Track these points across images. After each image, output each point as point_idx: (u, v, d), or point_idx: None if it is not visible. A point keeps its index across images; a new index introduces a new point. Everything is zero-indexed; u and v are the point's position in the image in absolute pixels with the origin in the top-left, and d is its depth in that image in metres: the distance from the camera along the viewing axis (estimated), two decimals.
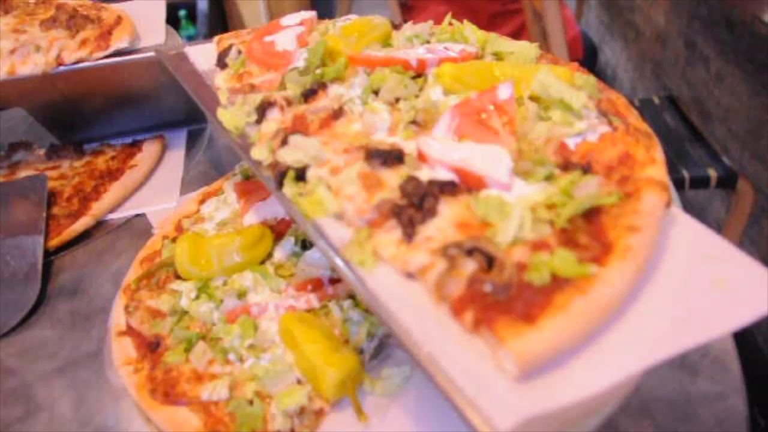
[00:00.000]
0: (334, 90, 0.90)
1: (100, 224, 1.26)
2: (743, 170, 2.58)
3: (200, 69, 1.10)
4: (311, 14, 1.09)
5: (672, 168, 2.63)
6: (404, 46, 0.98)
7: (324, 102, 0.87)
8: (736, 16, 3.21)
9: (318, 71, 0.93)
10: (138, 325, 0.97)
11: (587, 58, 3.78)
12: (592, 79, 0.87)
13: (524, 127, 0.77)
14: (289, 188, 0.75)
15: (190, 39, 3.87)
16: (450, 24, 1.03)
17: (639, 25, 4.46)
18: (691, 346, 0.55)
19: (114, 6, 1.41)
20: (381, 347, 0.89)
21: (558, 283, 0.57)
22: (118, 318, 1.00)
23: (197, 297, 0.98)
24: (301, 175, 0.76)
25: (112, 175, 1.33)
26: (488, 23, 3.78)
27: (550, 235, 0.62)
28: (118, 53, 1.25)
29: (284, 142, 0.80)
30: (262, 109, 0.89)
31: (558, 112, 0.77)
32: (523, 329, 0.52)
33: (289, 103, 0.90)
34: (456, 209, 0.65)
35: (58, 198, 1.28)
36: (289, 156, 0.76)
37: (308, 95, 0.89)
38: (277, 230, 1.07)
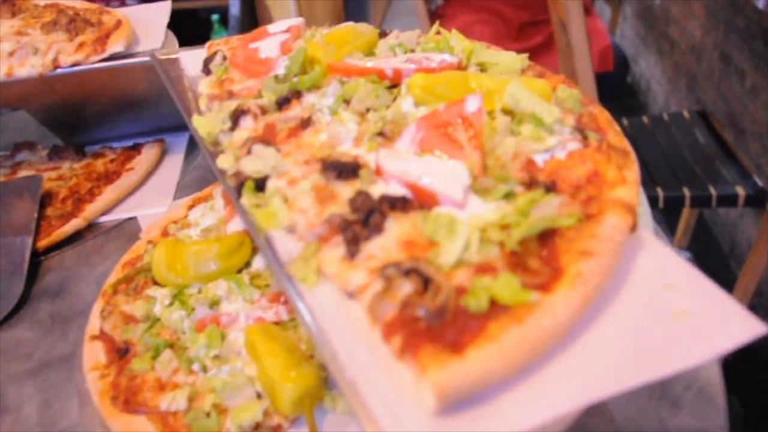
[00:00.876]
0: (308, 99, 0.88)
1: (91, 226, 1.27)
2: None
3: (189, 75, 1.10)
4: (299, 21, 1.07)
5: (698, 185, 2.54)
6: (386, 55, 0.96)
7: (296, 111, 0.85)
8: None
9: (295, 79, 0.92)
10: (111, 329, 0.97)
11: (618, 70, 3.70)
12: (576, 92, 0.83)
13: (493, 141, 0.74)
14: (247, 198, 0.73)
15: None
16: (437, 33, 1.00)
17: (674, 37, 4.35)
18: (637, 384, 0.51)
19: (119, 10, 1.43)
20: None
21: (495, 310, 0.53)
22: (93, 322, 0.99)
23: (171, 304, 0.97)
24: (260, 186, 0.74)
25: (109, 177, 1.34)
26: (518, 33, 3.74)
27: (497, 258, 0.58)
28: (116, 57, 1.26)
29: (249, 152, 0.78)
30: (236, 117, 0.87)
31: (529, 126, 0.74)
32: (448, 359, 0.49)
33: (263, 111, 0.88)
34: (404, 227, 0.62)
35: (54, 199, 1.30)
36: (250, 166, 0.75)
37: (282, 103, 0.88)
38: None
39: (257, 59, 0.99)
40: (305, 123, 0.81)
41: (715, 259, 3.35)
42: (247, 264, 1.02)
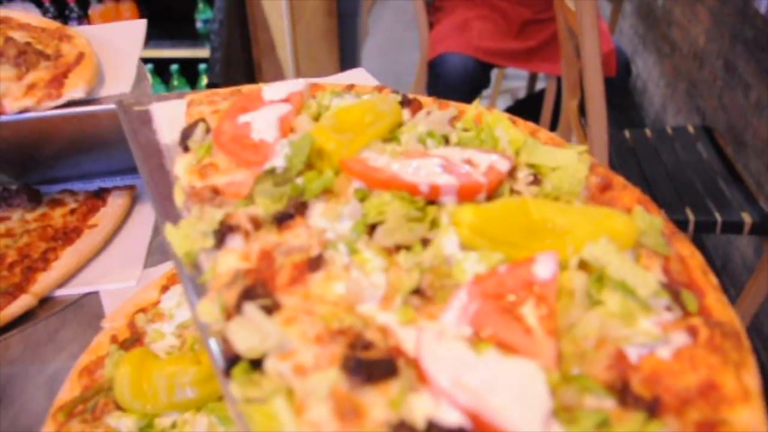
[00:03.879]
0: (316, 216, 0.68)
1: (44, 301, 1.06)
2: None
3: (162, 141, 0.89)
4: (302, 85, 0.87)
5: (703, 208, 2.42)
6: (413, 146, 0.76)
7: (301, 237, 0.66)
8: None
9: (299, 181, 0.72)
10: None
11: (620, 74, 3.53)
12: (658, 222, 0.65)
13: (568, 314, 0.56)
14: (239, 388, 0.54)
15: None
16: (477, 120, 0.81)
17: (676, 40, 4.19)
18: None
19: (84, 31, 1.20)
20: None
21: None
22: None
23: None
24: (256, 361, 0.56)
25: (67, 236, 1.13)
26: (519, 31, 3.54)
27: None
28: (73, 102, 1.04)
29: (240, 305, 0.59)
30: (222, 234, 0.68)
31: (616, 296, 0.56)
32: None
33: (257, 225, 0.69)
34: None
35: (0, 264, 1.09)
36: (242, 338, 0.55)
37: (282, 219, 0.68)
38: None
39: (249, 142, 0.79)
40: (315, 263, 0.62)
41: None
42: None
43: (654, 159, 2.76)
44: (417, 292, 0.59)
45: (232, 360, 0.56)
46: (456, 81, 3.40)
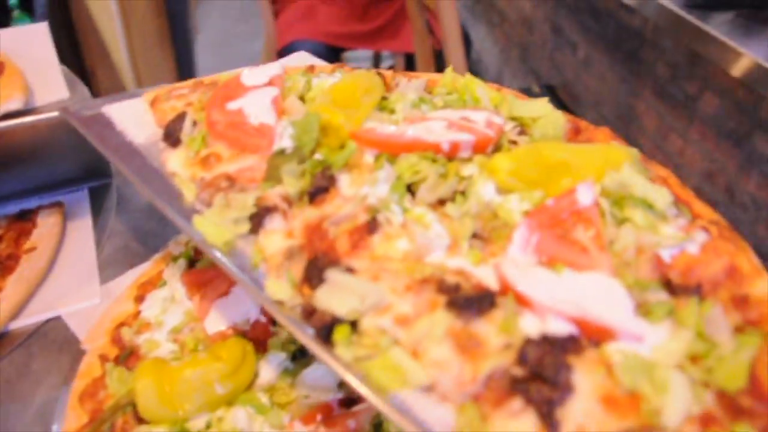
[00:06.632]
0: (347, 185, 0.71)
1: (1, 336, 0.97)
2: None
3: (136, 142, 0.85)
4: (280, 69, 0.88)
5: None
6: (410, 113, 0.81)
7: (342, 207, 0.69)
8: (601, 4, 3.33)
9: (318, 156, 0.74)
10: None
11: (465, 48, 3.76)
12: (635, 151, 0.76)
13: (605, 233, 0.65)
14: (345, 350, 0.56)
15: None
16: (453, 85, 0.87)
17: (503, 9, 4.53)
18: None
19: None
20: None
21: None
22: None
23: None
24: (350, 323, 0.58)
25: (4, 264, 1.03)
26: (363, 13, 3.63)
27: (713, 405, 0.51)
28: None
29: (313, 276, 0.61)
30: (259, 217, 0.68)
31: (638, 212, 0.66)
32: None
33: (289, 203, 0.70)
34: (595, 379, 0.52)
35: None
36: (339, 303, 0.58)
37: (316, 194, 0.70)
38: (253, 338, 0.87)
39: (249, 127, 0.79)
40: (371, 227, 0.65)
41: None
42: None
43: None
44: (474, 236, 0.65)
45: (327, 327, 0.58)
46: None
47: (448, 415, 0.52)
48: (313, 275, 0.61)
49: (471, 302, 0.55)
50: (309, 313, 0.60)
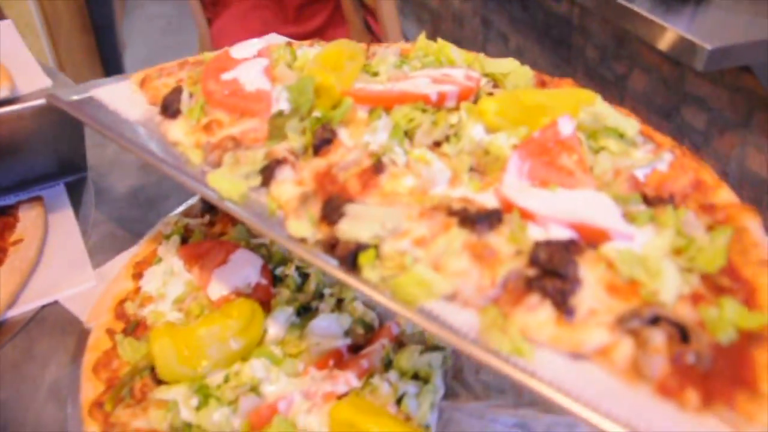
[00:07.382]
0: (347, 138, 0.77)
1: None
2: None
3: (132, 119, 0.89)
4: (263, 43, 0.93)
5: None
6: (395, 74, 0.88)
7: (351, 154, 0.74)
8: None
9: (316, 114, 0.80)
10: None
11: None
12: (591, 93, 0.85)
13: (585, 159, 0.73)
14: (371, 272, 0.62)
15: None
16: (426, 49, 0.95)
17: (433, 7, 4.65)
18: None
19: None
20: (443, 415, 0.80)
21: (744, 337, 0.54)
22: None
23: (202, 404, 0.79)
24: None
25: None
26: (296, 16, 3.67)
27: (700, 285, 0.59)
28: None
29: (331, 212, 0.67)
30: (270, 170, 0.73)
31: (612, 141, 0.74)
32: (760, 399, 0.49)
33: (296, 156, 0.76)
34: (596, 271, 0.59)
35: None
36: (359, 231, 0.63)
37: (320, 146, 0.76)
38: (256, 300, 0.91)
39: (246, 93, 0.83)
40: (378, 168, 0.71)
41: None
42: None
43: None
44: (471, 170, 0.72)
45: (351, 255, 0.63)
46: None
47: (472, 317, 0.59)
48: (332, 212, 0.67)
49: (482, 218, 0.62)
50: (331, 245, 0.65)
